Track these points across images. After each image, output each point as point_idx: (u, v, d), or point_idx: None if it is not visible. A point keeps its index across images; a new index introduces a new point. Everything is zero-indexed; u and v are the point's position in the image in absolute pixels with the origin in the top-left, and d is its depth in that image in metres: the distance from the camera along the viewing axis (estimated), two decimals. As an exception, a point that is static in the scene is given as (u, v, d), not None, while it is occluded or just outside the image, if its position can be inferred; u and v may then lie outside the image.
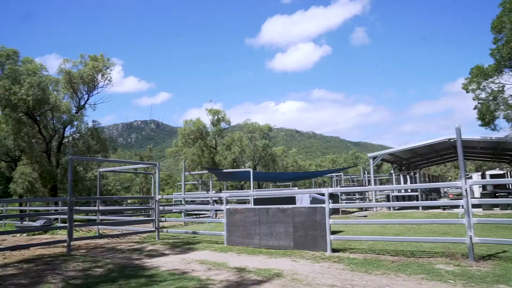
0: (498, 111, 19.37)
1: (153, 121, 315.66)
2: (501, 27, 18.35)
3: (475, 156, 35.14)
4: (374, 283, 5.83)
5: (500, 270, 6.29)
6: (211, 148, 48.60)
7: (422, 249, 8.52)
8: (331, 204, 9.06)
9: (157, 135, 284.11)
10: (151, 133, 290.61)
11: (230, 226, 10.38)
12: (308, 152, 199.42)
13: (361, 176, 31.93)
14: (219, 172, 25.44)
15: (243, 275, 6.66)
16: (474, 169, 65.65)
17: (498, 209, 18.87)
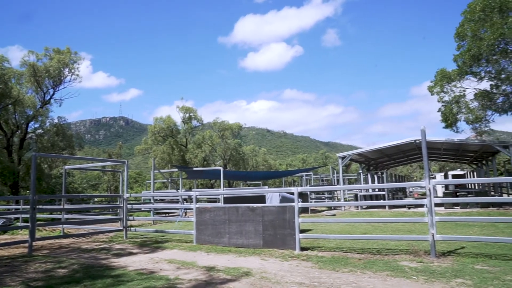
0: (460, 114, 20.16)
1: (122, 117, 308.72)
2: (463, 35, 19.12)
3: (439, 157, 36.42)
4: (341, 281, 5.94)
5: (458, 266, 6.57)
6: (181, 146, 48.09)
7: (388, 246, 8.76)
8: (301, 203, 9.16)
9: (126, 132, 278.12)
10: (120, 130, 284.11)
11: (199, 225, 10.31)
12: (278, 152, 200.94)
13: (330, 175, 32.46)
14: (189, 170, 25.20)
15: (212, 274, 6.63)
16: (438, 169, 68.12)
17: (459, 208, 19.66)
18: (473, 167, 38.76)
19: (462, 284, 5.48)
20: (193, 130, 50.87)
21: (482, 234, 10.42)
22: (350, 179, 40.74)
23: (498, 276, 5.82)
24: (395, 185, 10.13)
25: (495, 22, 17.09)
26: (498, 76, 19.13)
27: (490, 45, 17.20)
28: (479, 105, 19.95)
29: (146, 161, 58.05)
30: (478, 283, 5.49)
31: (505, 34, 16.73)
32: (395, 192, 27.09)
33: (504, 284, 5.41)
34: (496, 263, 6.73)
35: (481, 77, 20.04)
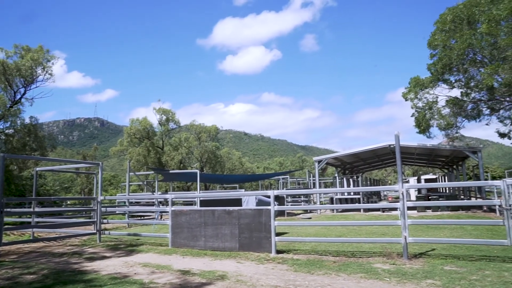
0: (432, 120, 20.77)
1: (97, 119, 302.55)
2: (435, 45, 19.74)
3: (412, 161, 37.32)
4: (316, 283, 6.00)
5: (429, 267, 6.75)
6: (157, 148, 47.52)
7: (362, 249, 8.91)
8: (277, 206, 9.21)
9: (102, 133, 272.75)
10: (95, 131, 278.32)
11: (175, 228, 10.21)
12: (256, 155, 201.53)
13: (307, 179, 32.72)
14: (166, 173, 24.90)
15: (187, 278, 6.58)
16: (411, 173, 69.83)
17: (431, 211, 20.21)
18: (444, 171, 39.90)
19: (432, 284, 5.64)
20: (170, 132, 50.39)
21: (451, 236, 10.74)
22: (326, 182, 41.19)
23: (465, 276, 6.04)
24: (370, 188, 10.34)
25: (464, 33, 17.73)
26: (468, 84, 19.83)
27: (460, 54, 17.82)
28: (450, 111, 20.61)
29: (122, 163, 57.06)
30: (446, 283, 5.67)
31: (473, 44, 17.37)
32: (370, 196, 27.55)
33: (470, 283, 5.62)
34: (464, 263, 6.97)
35: (452, 85, 20.74)
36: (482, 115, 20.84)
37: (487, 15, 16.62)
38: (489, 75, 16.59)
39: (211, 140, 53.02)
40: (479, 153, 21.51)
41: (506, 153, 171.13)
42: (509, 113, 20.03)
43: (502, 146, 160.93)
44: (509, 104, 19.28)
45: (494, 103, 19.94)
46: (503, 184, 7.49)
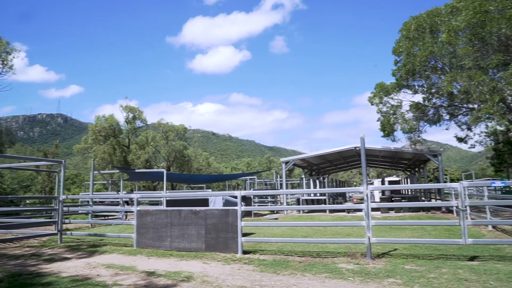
0: (396, 124, 21.44)
1: (60, 115, 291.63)
2: (400, 52, 20.42)
3: (377, 163, 38.36)
4: (282, 283, 6.05)
5: (391, 266, 6.96)
6: (123, 146, 46.47)
7: (327, 249, 9.06)
8: (244, 206, 9.21)
9: (65, 130, 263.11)
10: (58, 128, 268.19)
11: (140, 228, 10.00)
12: (223, 155, 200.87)
13: (274, 179, 32.95)
14: (131, 172, 24.37)
15: (153, 279, 6.46)
16: (376, 175, 71.75)
17: (394, 212, 20.84)
18: (407, 173, 41.25)
19: (393, 283, 5.82)
20: (136, 131, 49.40)
21: (412, 236, 11.12)
22: (293, 183, 41.63)
23: (424, 274, 6.28)
24: (335, 190, 10.52)
25: (427, 41, 18.43)
26: (429, 90, 20.61)
27: (423, 61, 18.50)
28: (413, 116, 21.34)
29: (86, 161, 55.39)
30: (406, 281, 5.87)
31: (435, 52, 18.08)
32: (336, 197, 28.09)
33: (428, 281, 5.85)
34: (423, 262, 7.24)
35: (415, 90, 21.50)
36: (442, 120, 21.74)
37: (447, 25, 17.34)
38: (449, 82, 17.32)
39: (178, 140, 52.40)
40: (439, 156, 22.42)
41: (464, 157, 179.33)
42: (466, 119, 20.98)
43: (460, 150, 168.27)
44: (466, 110, 20.20)
45: (453, 109, 20.84)
46: (460, 187, 7.85)
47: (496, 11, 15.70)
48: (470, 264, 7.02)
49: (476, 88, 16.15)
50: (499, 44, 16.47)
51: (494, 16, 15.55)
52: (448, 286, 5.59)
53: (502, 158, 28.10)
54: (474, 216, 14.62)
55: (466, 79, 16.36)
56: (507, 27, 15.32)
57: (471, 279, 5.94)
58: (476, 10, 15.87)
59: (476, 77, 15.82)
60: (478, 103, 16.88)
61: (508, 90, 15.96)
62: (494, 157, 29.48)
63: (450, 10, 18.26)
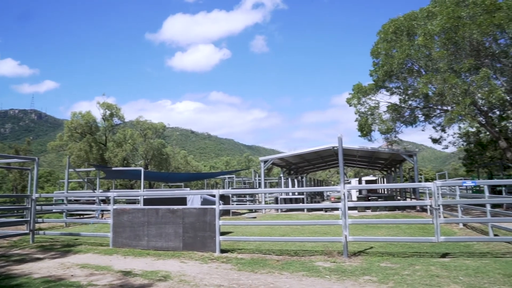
0: (374, 124, 21.79)
1: (34, 111, 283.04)
2: (378, 53, 20.77)
3: (354, 163, 38.93)
4: (260, 282, 6.08)
5: (367, 264, 7.10)
6: (100, 144, 45.63)
7: (305, 248, 9.15)
8: (222, 205, 9.21)
9: (39, 127, 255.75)
10: (32, 124, 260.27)
11: (116, 227, 9.86)
12: (202, 153, 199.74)
13: (253, 178, 33.01)
14: (108, 170, 23.96)
15: (129, 279, 6.39)
16: (353, 175, 72.85)
17: (370, 211, 21.21)
18: (383, 173, 42.05)
19: (369, 280, 5.95)
20: (114, 128, 48.62)
21: (388, 234, 11.36)
22: (271, 182, 41.85)
23: (398, 271, 6.44)
24: (313, 189, 10.65)
25: (404, 43, 18.82)
26: (406, 91, 21.06)
27: (400, 63, 18.87)
28: (390, 117, 21.75)
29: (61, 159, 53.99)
30: (381, 279, 6.01)
31: (412, 55, 18.49)
32: (314, 196, 28.37)
33: (402, 278, 6.01)
34: (398, 260, 7.41)
35: (392, 92, 21.92)
36: (418, 121, 22.24)
37: (423, 29, 17.75)
38: (424, 84, 17.73)
39: (157, 138, 51.82)
40: (414, 156, 22.95)
41: (438, 157, 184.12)
42: (440, 120, 21.56)
43: (435, 151, 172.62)
44: (441, 112, 20.74)
45: (428, 111, 21.36)
46: (434, 186, 8.08)
47: (467, 17, 16.18)
48: (442, 261, 7.24)
49: (450, 90, 16.60)
50: (471, 49, 16.98)
51: (466, 22, 16.01)
52: (421, 282, 5.75)
53: (473, 159, 29.02)
54: (446, 215, 15.04)
55: (440, 81, 16.79)
56: (477, 32, 15.81)
57: (442, 275, 6.14)
58: (449, 15, 16.31)
59: (450, 79, 16.26)
60: (452, 105, 17.36)
61: (479, 93, 16.47)
62: (465, 157, 30.40)
63: (426, 15, 18.70)
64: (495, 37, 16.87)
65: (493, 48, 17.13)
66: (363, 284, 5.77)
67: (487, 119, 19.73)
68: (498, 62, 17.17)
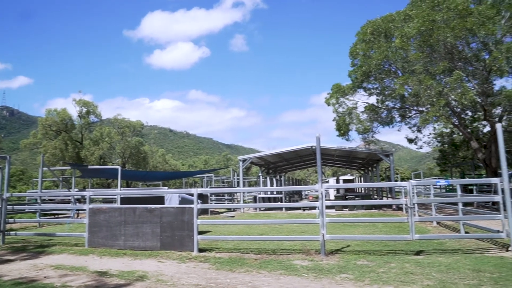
0: (351, 124, 22.09)
1: (6, 107, 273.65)
2: (356, 54, 21.08)
3: (332, 162, 39.39)
4: (237, 281, 6.09)
5: (343, 262, 7.21)
6: (76, 142, 44.63)
7: (283, 247, 9.21)
8: (200, 204, 9.17)
9: (11, 124, 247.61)
10: (3, 121, 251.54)
11: (92, 227, 9.68)
12: (181, 152, 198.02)
13: (231, 177, 32.98)
14: (84, 169, 23.48)
15: (105, 279, 6.28)
16: (331, 174, 73.67)
17: (347, 210, 21.53)
18: (361, 172, 42.73)
19: (345, 278, 6.04)
20: (90, 126, 47.66)
21: (364, 233, 11.55)
22: (250, 181, 41.87)
23: (374, 269, 6.56)
24: (292, 188, 10.71)
25: (382, 45, 19.17)
26: (383, 92, 21.46)
27: (377, 64, 19.21)
28: (368, 117, 22.11)
29: (34, 157, 52.54)
30: (358, 276, 6.11)
31: (389, 56, 18.85)
32: (292, 195, 28.56)
33: (378, 275, 6.13)
34: (374, 258, 7.55)
35: (370, 92, 22.28)
36: (395, 122, 22.69)
37: (400, 31, 18.12)
38: (401, 85, 18.10)
39: (135, 136, 51.09)
40: (391, 156, 23.42)
41: (414, 157, 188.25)
42: (416, 121, 22.06)
43: (410, 151, 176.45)
44: (416, 113, 21.23)
45: (404, 111, 21.81)
46: (409, 185, 8.27)
47: (442, 21, 16.60)
48: (416, 258, 7.42)
49: (425, 91, 17.00)
50: (445, 52, 17.44)
51: (440, 26, 16.43)
52: (396, 279, 5.88)
53: (446, 159, 29.84)
54: (421, 213, 15.40)
55: (416, 83, 17.17)
56: (451, 36, 16.25)
57: (416, 272, 6.29)
58: (425, 18, 16.69)
59: (425, 81, 16.65)
60: (427, 106, 17.78)
61: (452, 95, 16.92)
62: (440, 157, 31.22)
63: (403, 17, 19.08)
64: (467, 41, 17.37)
65: (465, 51, 17.63)
66: (340, 282, 5.86)
67: (460, 120, 20.31)
68: (470, 65, 17.67)
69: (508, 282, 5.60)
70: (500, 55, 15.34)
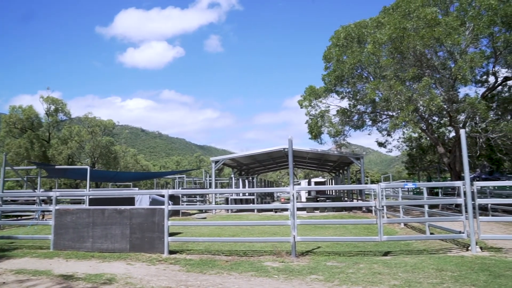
0: (323, 127, 22.44)
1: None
2: (330, 58, 21.45)
3: (304, 165, 39.79)
4: (208, 283, 6.05)
5: (314, 263, 7.29)
6: (43, 141, 43.15)
7: (254, 248, 9.22)
8: (171, 205, 9.07)
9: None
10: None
11: (58, 229, 9.37)
12: (152, 152, 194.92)
13: (203, 178, 32.76)
14: (51, 168, 22.72)
15: (70, 283, 6.10)
16: (303, 176, 74.40)
17: (318, 212, 21.79)
18: (332, 175, 43.35)
19: (316, 279, 6.11)
20: (59, 124, 46.21)
21: (335, 234, 11.75)
22: (222, 183, 41.73)
23: (343, 270, 6.67)
24: (264, 190, 10.75)
25: (354, 50, 19.59)
26: (355, 96, 21.91)
27: (350, 69, 19.61)
28: (340, 120, 22.51)
29: (-4, 156, 50.40)
30: (327, 277, 6.20)
31: (362, 61, 19.29)
32: (264, 197, 28.63)
33: (347, 276, 6.24)
34: (343, 259, 7.68)
35: (343, 96, 22.70)
36: (366, 125, 23.21)
37: (372, 37, 18.59)
38: (372, 90, 18.56)
39: (106, 135, 49.93)
40: (361, 159, 23.91)
41: (383, 160, 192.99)
42: (386, 125, 22.64)
43: (380, 154, 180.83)
44: (386, 117, 21.80)
45: (375, 116, 22.36)
46: (378, 188, 8.48)
47: (412, 29, 17.16)
48: (384, 259, 7.60)
49: (395, 97, 17.49)
50: (415, 59, 18.02)
51: (410, 34, 16.97)
52: (364, 279, 6.00)
53: (414, 162, 30.70)
54: (390, 215, 15.80)
55: (387, 88, 17.64)
56: (420, 44, 16.82)
57: (384, 272, 6.45)
58: (396, 26, 17.20)
59: (395, 87, 17.13)
60: (397, 111, 18.29)
61: (421, 101, 17.49)
62: (408, 161, 32.10)
63: (376, 24, 19.59)
64: (435, 49, 18.02)
65: (433, 59, 18.27)
66: (310, 283, 5.93)
67: (427, 125, 20.99)
68: (438, 73, 18.33)
69: (467, 280, 5.86)
70: (464, 64, 15.99)
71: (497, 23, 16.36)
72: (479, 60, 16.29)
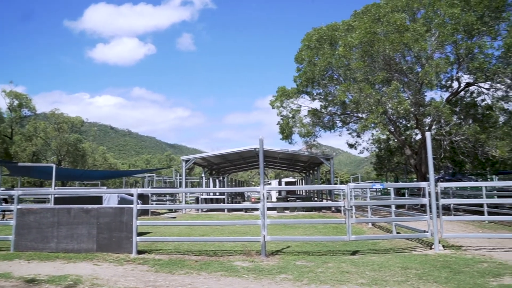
0: (294, 127, 22.69)
1: None
2: (301, 59, 21.70)
3: (275, 165, 39.98)
4: (177, 283, 5.99)
5: (283, 263, 7.36)
6: (5, 137, 41.42)
7: (224, 248, 9.19)
8: (140, 205, 8.92)
9: None
10: None
11: (20, 229, 9.00)
12: (122, 151, 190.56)
13: (174, 178, 32.38)
14: (13, 166, 21.83)
15: (32, 286, 5.88)
16: (274, 176, 74.81)
17: (289, 211, 21.97)
18: (302, 175, 43.83)
19: (285, 279, 6.17)
20: (23, 120, 44.48)
21: (304, 234, 11.88)
22: (193, 182, 41.36)
23: (312, 269, 6.77)
24: (234, 189, 10.75)
25: (326, 52, 19.89)
26: (326, 98, 22.27)
27: (321, 71, 19.92)
28: (310, 121, 22.82)
29: (-47, 152, 47.91)
30: (297, 276, 6.27)
31: (332, 63, 19.62)
32: (235, 196, 28.57)
33: (316, 275, 6.34)
34: (312, 258, 7.79)
35: (314, 97, 23.01)
36: (336, 127, 23.63)
37: (343, 40, 18.95)
38: (342, 92, 18.92)
39: (74, 133, 48.44)
40: (331, 160, 24.30)
41: (353, 161, 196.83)
42: (356, 126, 23.12)
43: (350, 155, 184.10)
44: (356, 119, 22.27)
45: (345, 117, 22.80)
46: (347, 188, 8.65)
47: (382, 34, 17.63)
48: (352, 258, 7.76)
49: (365, 99, 17.90)
50: (384, 63, 18.50)
51: (380, 38, 17.43)
52: (333, 278, 6.11)
53: (382, 163, 31.50)
54: (358, 215, 16.11)
55: (357, 90, 18.03)
56: (389, 48, 17.30)
57: (352, 271, 6.59)
58: (367, 30, 17.61)
59: (365, 89, 17.53)
60: (366, 113, 18.72)
61: (390, 104, 18.00)
62: (376, 162, 32.91)
63: (347, 27, 19.98)
64: (404, 54, 18.58)
65: (402, 64, 18.83)
66: (279, 283, 5.97)
67: (395, 128, 21.61)
68: (406, 77, 18.89)
69: (429, 277, 6.09)
70: (430, 69, 16.56)
71: (460, 31, 17.00)
72: (444, 66, 16.92)
